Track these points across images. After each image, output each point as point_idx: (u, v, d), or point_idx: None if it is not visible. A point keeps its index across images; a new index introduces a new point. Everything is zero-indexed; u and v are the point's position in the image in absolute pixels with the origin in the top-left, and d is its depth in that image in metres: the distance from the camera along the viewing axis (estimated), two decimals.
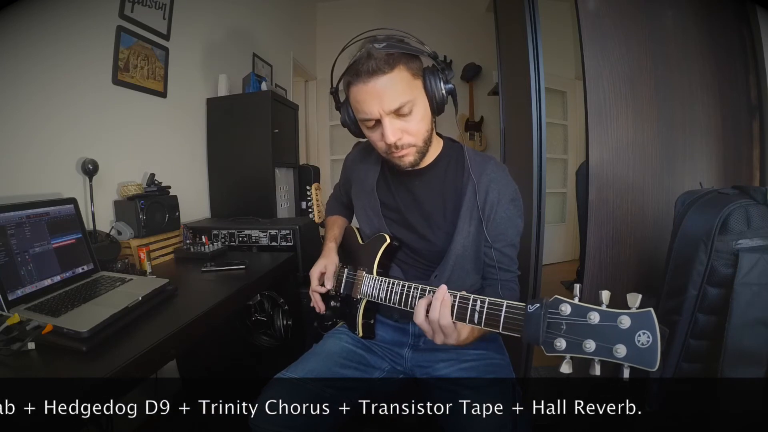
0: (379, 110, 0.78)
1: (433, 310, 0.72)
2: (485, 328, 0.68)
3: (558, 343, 0.57)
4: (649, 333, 0.52)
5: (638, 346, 0.52)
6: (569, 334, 0.56)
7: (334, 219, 1.13)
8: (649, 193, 1.43)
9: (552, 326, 0.58)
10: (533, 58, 1.48)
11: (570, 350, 0.56)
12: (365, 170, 1.00)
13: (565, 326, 0.57)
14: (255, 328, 1.68)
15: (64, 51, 1.31)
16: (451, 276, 0.90)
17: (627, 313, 0.53)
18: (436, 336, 0.73)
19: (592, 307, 0.55)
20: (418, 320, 0.74)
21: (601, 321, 0.54)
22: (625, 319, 0.53)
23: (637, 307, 0.53)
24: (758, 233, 0.92)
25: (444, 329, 0.72)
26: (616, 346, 0.53)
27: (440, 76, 0.81)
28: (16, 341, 0.77)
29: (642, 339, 0.52)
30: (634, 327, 0.53)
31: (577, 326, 0.56)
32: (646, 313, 0.52)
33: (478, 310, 0.68)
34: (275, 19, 3.10)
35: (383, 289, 0.88)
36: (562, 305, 0.57)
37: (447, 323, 0.71)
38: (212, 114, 2.07)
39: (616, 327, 0.53)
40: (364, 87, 0.77)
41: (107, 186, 1.45)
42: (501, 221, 0.88)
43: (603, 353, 0.54)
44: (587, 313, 0.55)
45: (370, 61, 0.76)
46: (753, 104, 1.38)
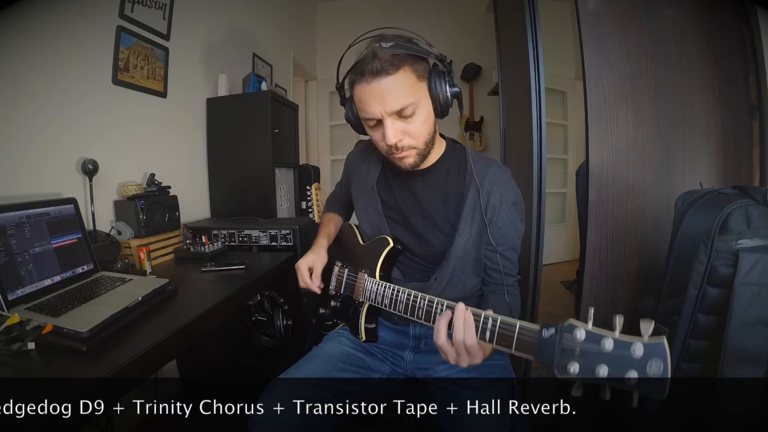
0: (381, 111, 0.78)
1: (457, 331, 0.68)
2: (497, 347, 0.66)
3: (572, 367, 0.57)
4: (662, 362, 0.52)
5: (649, 375, 0.52)
6: (582, 358, 0.56)
7: (330, 216, 1.13)
8: (649, 193, 1.43)
9: (565, 352, 0.58)
10: (533, 58, 1.48)
11: (583, 374, 0.56)
12: (366, 169, 0.99)
13: (579, 351, 0.57)
14: (255, 328, 1.68)
15: (64, 51, 1.31)
16: (451, 278, 0.89)
17: (640, 342, 0.53)
18: (461, 359, 0.70)
19: (605, 335, 0.55)
20: (440, 341, 0.70)
21: (614, 349, 0.55)
22: (638, 348, 0.53)
23: (650, 335, 0.53)
24: (758, 233, 0.92)
25: (469, 350, 0.69)
26: (628, 373, 0.53)
27: (446, 79, 0.80)
28: (16, 341, 0.77)
29: (653, 368, 0.52)
30: (647, 356, 0.53)
31: (590, 352, 0.56)
32: (659, 344, 0.53)
33: (489, 329, 0.67)
34: (275, 19, 3.09)
35: (387, 295, 0.87)
36: (577, 331, 0.57)
37: (472, 343, 0.68)
38: (212, 114, 2.07)
39: (629, 355, 0.54)
40: (367, 87, 0.77)
41: (107, 186, 1.45)
42: (503, 224, 0.87)
43: (615, 380, 0.54)
44: (601, 341, 0.55)
45: (374, 61, 0.75)
46: (753, 104, 1.38)
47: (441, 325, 0.70)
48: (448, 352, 0.70)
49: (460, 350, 0.69)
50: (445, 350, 0.70)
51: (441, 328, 0.70)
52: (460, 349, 0.69)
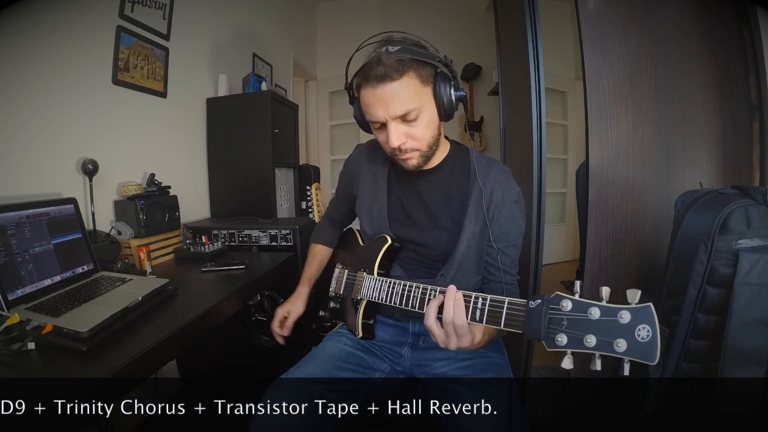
0: (384, 115, 0.79)
1: (447, 311, 0.70)
2: (486, 324, 0.68)
3: (559, 338, 0.57)
4: (649, 327, 0.52)
5: (638, 341, 0.53)
6: (570, 329, 0.57)
7: (316, 252, 1.14)
8: (649, 193, 1.43)
9: (553, 322, 0.58)
10: (533, 58, 1.48)
11: (571, 345, 0.57)
12: (373, 171, 1.00)
13: (566, 322, 0.57)
14: (255, 328, 1.68)
15: (64, 51, 1.31)
16: (455, 275, 0.90)
17: (627, 308, 0.54)
18: (450, 340, 0.71)
19: (592, 303, 0.56)
20: (429, 322, 0.72)
21: (601, 316, 0.55)
22: (625, 314, 0.53)
23: (637, 302, 0.54)
24: (758, 233, 0.92)
25: (458, 330, 0.70)
26: (617, 341, 0.53)
27: (452, 83, 0.81)
28: (16, 341, 0.77)
29: (642, 333, 0.52)
30: (634, 321, 0.53)
31: (577, 321, 0.56)
32: (646, 308, 0.53)
33: (480, 308, 0.68)
34: (275, 19, 3.10)
35: (384, 289, 0.88)
36: (563, 301, 0.58)
37: (462, 323, 0.70)
38: (212, 114, 2.07)
39: (616, 322, 0.54)
40: (372, 91, 0.78)
41: (107, 186, 1.45)
42: (504, 222, 0.89)
43: (604, 348, 0.54)
44: (588, 309, 0.56)
45: (379, 67, 0.76)
46: (753, 104, 1.38)
47: (431, 307, 0.72)
48: (437, 333, 0.72)
49: (449, 331, 0.71)
50: (434, 331, 0.72)
51: (431, 309, 0.72)
52: (449, 329, 0.70)
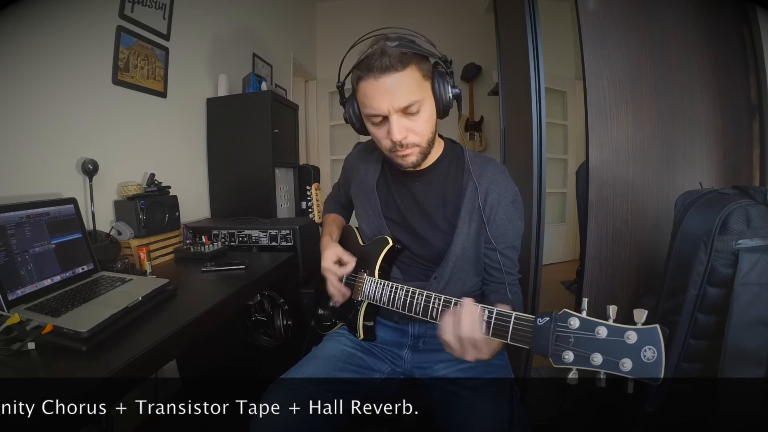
0: (388, 107, 0.78)
1: (464, 326, 0.68)
2: (493, 338, 0.67)
3: (566, 355, 0.57)
4: (655, 348, 0.53)
5: (644, 361, 0.53)
6: (577, 347, 0.57)
7: (333, 217, 1.13)
8: (649, 193, 1.43)
9: (560, 339, 0.58)
10: (533, 58, 1.49)
11: (577, 363, 0.57)
12: (365, 170, 1.00)
13: (573, 339, 0.58)
14: (255, 328, 1.68)
15: (64, 51, 1.31)
16: (450, 278, 0.89)
17: (634, 329, 0.54)
18: (467, 353, 0.69)
19: (600, 322, 0.56)
20: (446, 336, 0.70)
21: (608, 336, 0.55)
22: (632, 335, 0.54)
23: (643, 323, 0.54)
24: (758, 233, 0.92)
25: (476, 344, 0.68)
26: (623, 360, 0.54)
27: (448, 80, 0.82)
28: (16, 341, 0.77)
29: (648, 354, 0.53)
30: (641, 342, 0.54)
31: (584, 340, 0.57)
32: (653, 329, 0.53)
33: (486, 320, 0.67)
34: (275, 19, 3.09)
35: (386, 293, 0.88)
36: (571, 319, 0.58)
37: (480, 337, 0.68)
38: (212, 114, 2.07)
39: (623, 342, 0.54)
40: (375, 83, 0.78)
41: (107, 186, 1.45)
42: (501, 223, 0.88)
43: (609, 367, 0.55)
44: (595, 328, 0.56)
45: (383, 58, 0.76)
46: (753, 104, 1.38)
47: (447, 321, 0.70)
48: (454, 347, 0.70)
49: (466, 345, 0.69)
50: (452, 345, 0.70)
51: (447, 323, 0.70)
52: (466, 343, 0.68)
